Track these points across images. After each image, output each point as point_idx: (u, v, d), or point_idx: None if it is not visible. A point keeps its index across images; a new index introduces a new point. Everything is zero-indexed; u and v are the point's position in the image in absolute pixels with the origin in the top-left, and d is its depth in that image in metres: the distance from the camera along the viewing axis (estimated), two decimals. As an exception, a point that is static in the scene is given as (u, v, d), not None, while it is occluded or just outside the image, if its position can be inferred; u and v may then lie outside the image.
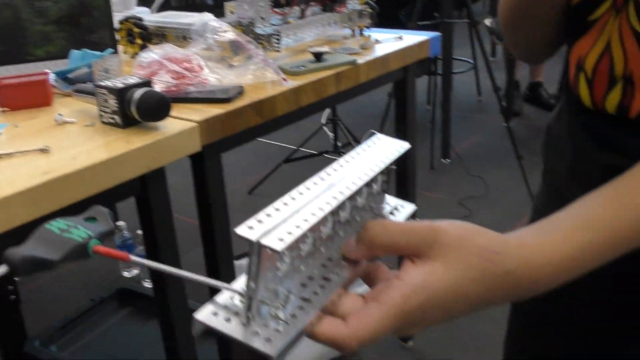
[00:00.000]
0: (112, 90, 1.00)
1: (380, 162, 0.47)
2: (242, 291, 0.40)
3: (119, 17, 1.45)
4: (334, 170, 0.46)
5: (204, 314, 0.41)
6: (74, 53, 1.27)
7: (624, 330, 0.73)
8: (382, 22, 1.66)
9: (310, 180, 0.44)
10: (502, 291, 0.43)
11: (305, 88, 1.24)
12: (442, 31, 2.78)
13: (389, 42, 1.54)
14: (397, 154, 0.49)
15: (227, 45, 1.30)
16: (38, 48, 1.33)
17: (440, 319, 0.42)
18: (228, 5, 1.43)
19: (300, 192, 0.42)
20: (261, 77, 1.24)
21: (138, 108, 0.99)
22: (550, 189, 0.76)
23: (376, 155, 0.48)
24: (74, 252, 0.42)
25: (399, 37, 1.57)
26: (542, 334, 0.79)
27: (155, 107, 0.99)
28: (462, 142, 3.37)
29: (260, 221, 0.39)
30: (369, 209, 0.50)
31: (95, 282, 2.22)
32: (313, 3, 1.52)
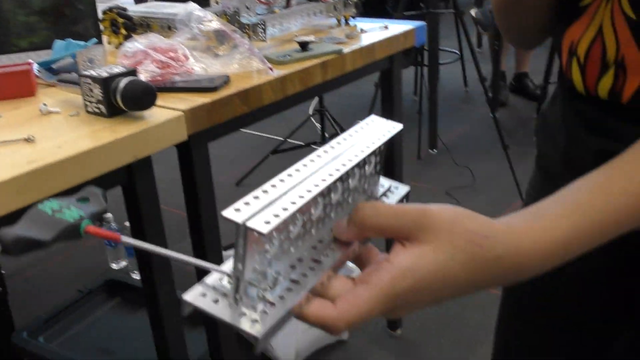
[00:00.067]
0: (96, 79, 0.99)
1: (371, 144, 0.46)
2: (230, 273, 0.40)
3: (103, 7, 1.44)
4: (325, 152, 0.45)
5: (192, 295, 0.40)
6: (57, 43, 1.26)
7: (615, 318, 0.73)
8: (367, 12, 1.66)
9: (300, 163, 0.43)
10: (491, 275, 0.43)
11: (291, 77, 1.24)
12: (428, 22, 2.78)
13: (374, 31, 1.54)
14: (390, 135, 0.48)
15: (212, 35, 1.29)
16: (21, 39, 1.31)
17: (428, 302, 0.43)
18: (213, -6, 1.43)
19: (290, 175, 0.42)
20: (247, 67, 1.24)
21: (123, 97, 0.98)
22: (544, 175, 0.76)
23: (369, 136, 0.47)
24: (66, 232, 0.42)
25: (384, 27, 1.57)
26: (534, 319, 0.79)
27: (141, 96, 0.99)
28: (449, 133, 3.38)
29: (247, 203, 0.38)
30: (362, 191, 0.49)
31: (83, 275, 2.21)
32: (298, -8, 1.52)
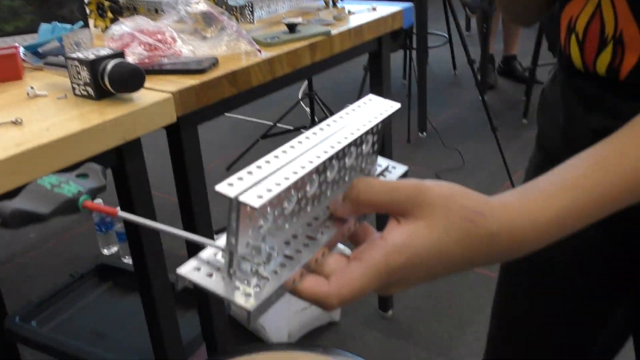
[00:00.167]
0: (83, 61, 0.98)
1: (368, 122, 0.46)
2: (223, 247, 0.40)
3: (89, -10, 1.42)
4: (321, 129, 0.45)
5: (187, 269, 0.41)
6: (43, 26, 1.25)
7: (612, 292, 0.74)
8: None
9: (295, 140, 0.43)
10: (486, 252, 0.43)
11: (279, 59, 1.24)
12: (416, 4, 2.78)
13: (362, 13, 1.54)
14: (387, 114, 0.48)
15: (199, 17, 1.29)
16: (6, 23, 1.30)
17: (422, 278, 0.43)
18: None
19: (284, 151, 0.42)
20: (235, 49, 1.24)
21: (111, 79, 0.98)
22: (544, 154, 0.76)
23: (365, 115, 0.47)
24: (64, 206, 0.42)
25: (372, 8, 1.57)
26: (531, 296, 0.79)
27: (129, 78, 0.98)
28: (438, 116, 3.39)
29: (240, 178, 0.38)
30: (360, 169, 0.49)
31: (74, 261, 2.21)
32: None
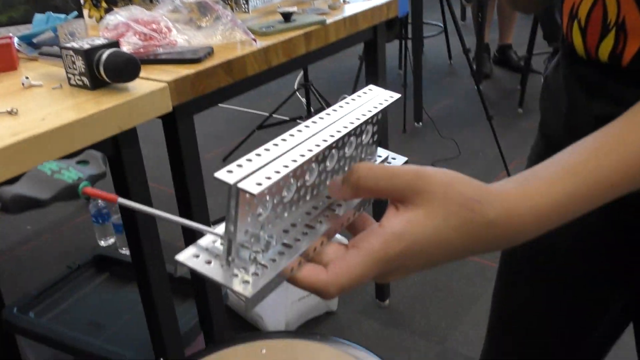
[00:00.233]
0: (78, 51, 0.98)
1: (367, 112, 0.46)
2: (222, 235, 0.40)
3: (83, -20, 1.42)
4: (321, 118, 0.45)
5: (185, 256, 0.41)
6: (37, 17, 1.24)
7: (613, 280, 0.74)
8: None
9: (294, 129, 0.43)
10: (485, 240, 0.42)
11: (275, 48, 1.24)
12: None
13: (357, 2, 1.54)
14: (386, 104, 0.48)
15: (194, 7, 1.28)
16: (0, 14, 1.29)
17: (421, 266, 0.43)
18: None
19: (284, 139, 0.42)
20: (230, 38, 1.23)
21: (106, 69, 0.98)
22: (547, 141, 0.76)
23: (365, 105, 0.47)
24: (64, 192, 0.42)
25: (367, -3, 1.57)
26: (532, 284, 0.79)
27: (124, 67, 0.98)
28: (434, 105, 3.39)
29: (240, 166, 0.38)
30: (359, 160, 0.49)
31: (71, 253, 2.21)
32: (281, -37, 1.51)
